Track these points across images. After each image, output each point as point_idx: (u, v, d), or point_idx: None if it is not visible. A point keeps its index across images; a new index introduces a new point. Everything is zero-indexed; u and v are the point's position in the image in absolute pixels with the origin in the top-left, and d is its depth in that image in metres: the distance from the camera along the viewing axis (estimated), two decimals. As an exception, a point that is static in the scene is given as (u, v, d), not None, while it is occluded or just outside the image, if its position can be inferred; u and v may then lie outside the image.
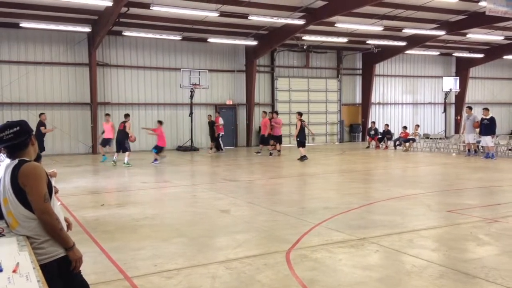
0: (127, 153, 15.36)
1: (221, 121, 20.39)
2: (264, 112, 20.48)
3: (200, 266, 5.07)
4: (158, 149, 16.21)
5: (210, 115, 21.47)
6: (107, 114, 17.74)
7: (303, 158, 16.39)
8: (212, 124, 20.60)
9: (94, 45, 19.41)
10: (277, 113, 20.15)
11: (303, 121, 17.01)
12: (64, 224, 2.99)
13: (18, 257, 2.43)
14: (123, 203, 8.93)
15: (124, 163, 15.11)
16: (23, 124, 2.99)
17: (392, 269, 4.93)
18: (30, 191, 2.77)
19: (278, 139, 18.86)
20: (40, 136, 15.05)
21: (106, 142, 17.04)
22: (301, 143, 16.72)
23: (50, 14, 17.63)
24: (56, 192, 3.33)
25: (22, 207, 2.79)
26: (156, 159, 15.99)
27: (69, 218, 3.39)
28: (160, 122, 16.67)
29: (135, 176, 13.02)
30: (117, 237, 6.39)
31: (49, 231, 2.81)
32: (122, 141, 15.44)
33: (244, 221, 7.31)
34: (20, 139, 2.92)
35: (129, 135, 15.54)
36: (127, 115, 16.19)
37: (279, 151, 18.75)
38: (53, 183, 3.09)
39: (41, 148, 15.81)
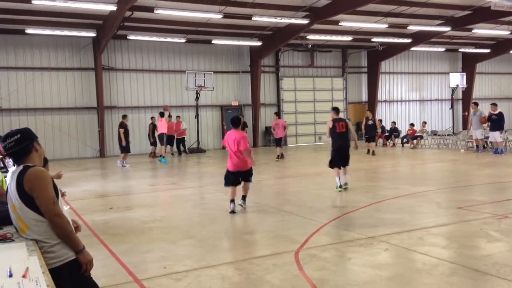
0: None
1: (184, 125, 20.11)
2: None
3: (209, 267, 5.07)
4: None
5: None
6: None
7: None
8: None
9: (99, 50, 19.51)
10: (277, 114, 18.72)
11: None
12: (72, 228, 3.00)
13: (28, 261, 2.43)
14: (132, 206, 8.96)
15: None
16: (24, 132, 3.04)
17: (402, 268, 4.89)
18: (38, 196, 2.79)
19: (278, 142, 17.31)
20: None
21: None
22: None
23: (55, 20, 17.74)
24: (63, 195, 3.34)
25: (31, 211, 2.81)
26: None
27: (78, 221, 3.40)
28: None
29: (144, 179, 13.05)
30: (126, 240, 6.41)
31: (60, 233, 2.83)
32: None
33: (252, 221, 7.30)
34: (20, 146, 2.96)
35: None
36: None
37: (282, 155, 17.02)
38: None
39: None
